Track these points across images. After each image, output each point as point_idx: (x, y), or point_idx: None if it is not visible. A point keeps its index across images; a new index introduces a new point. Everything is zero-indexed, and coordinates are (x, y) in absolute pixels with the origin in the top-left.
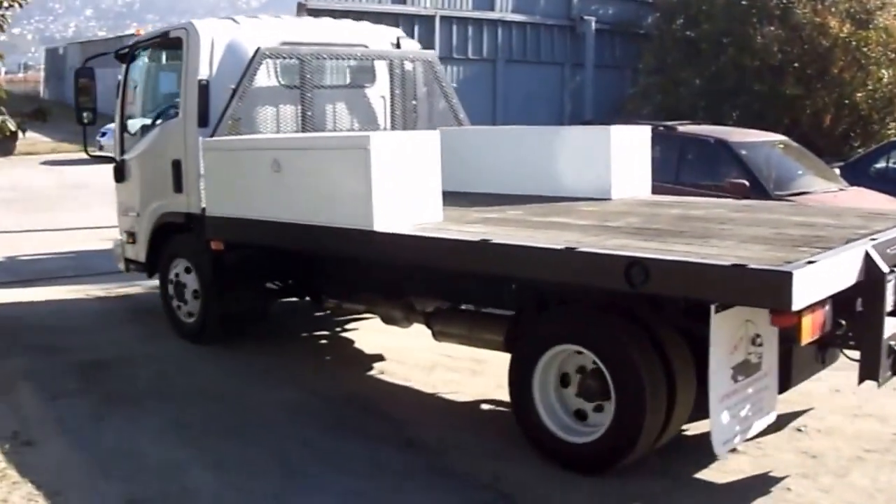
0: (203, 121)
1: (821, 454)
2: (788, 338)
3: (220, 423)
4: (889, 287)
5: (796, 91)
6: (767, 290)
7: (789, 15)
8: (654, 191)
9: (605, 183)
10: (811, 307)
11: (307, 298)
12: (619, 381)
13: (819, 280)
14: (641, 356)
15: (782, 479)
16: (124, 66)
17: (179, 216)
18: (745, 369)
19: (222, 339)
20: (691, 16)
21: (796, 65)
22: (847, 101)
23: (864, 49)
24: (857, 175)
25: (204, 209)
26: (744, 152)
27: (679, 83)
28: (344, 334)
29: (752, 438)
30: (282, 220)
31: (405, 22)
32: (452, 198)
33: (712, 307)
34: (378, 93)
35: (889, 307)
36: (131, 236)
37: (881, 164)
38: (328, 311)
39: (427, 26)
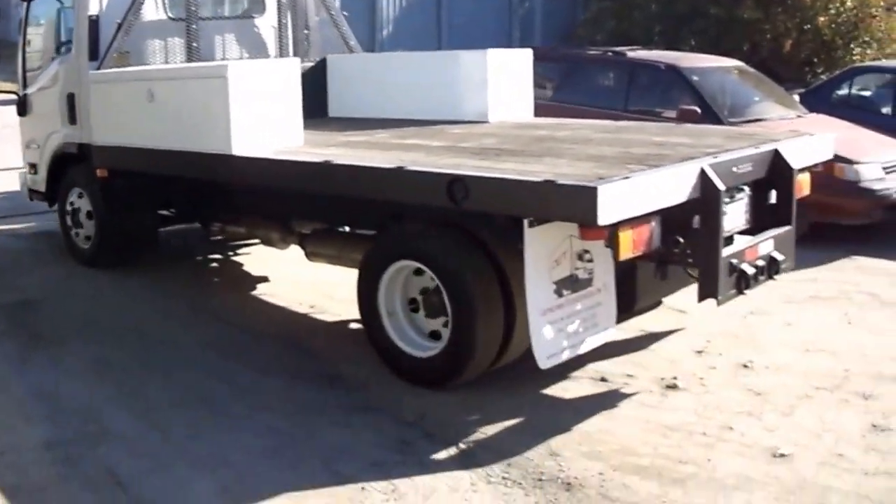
0: (93, 55)
1: (767, 391)
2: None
3: (143, 362)
4: (739, 205)
5: (755, 15)
6: (574, 205)
7: None
8: (604, 118)
9: (483, 106)
10: (631, 223)
11: (196, 224)
12: (451, 294)
13: (636, 196)
14: (472, 270)
15: (725, 417)
16: (26, 3)
17: (74, 146)
18: (571, 284)
19: (116, 264)
20: None
21: None
22: (809, 26)
23: None
24: (819, 102)
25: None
26: (696, 78)
27: (633, 8)
28: (276, 270)
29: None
30: (156, 147)
31: None
32: (336, 123)
33: (525, 222)
34: (268, 23)
35: (739, 225)
36: (33, 167)
37: (843, 91)
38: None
39: None
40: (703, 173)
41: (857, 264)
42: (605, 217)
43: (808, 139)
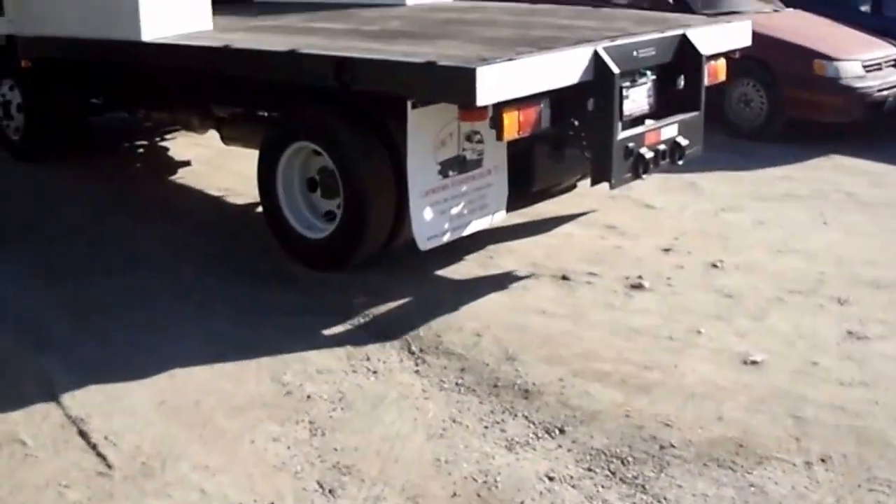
0: None
1: (738, 294)
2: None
3: (84, 263)
4: (642, 90)
5: None
6: (454, 86)
7: None
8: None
9: None
10: (516, 104)
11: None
12: (343, 174)
13: (520, 78)
14: (364, 151)
15: (693, 320)
16: None
17: (2, 38)
18: (458, 165)
19: (47, 156)
20: None
21: None
22: None
23: None
24: None
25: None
26: None
27: None
28: (231, 162)
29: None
30: (72, 35)
31: None
32: (255, 8)
33: (409, 103)
34: None
35: (642, 110)
36: None
37: None
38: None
39: None
40: (596, 56)
41: (834, 163)
42: (483, 98)
43: (722, 26)
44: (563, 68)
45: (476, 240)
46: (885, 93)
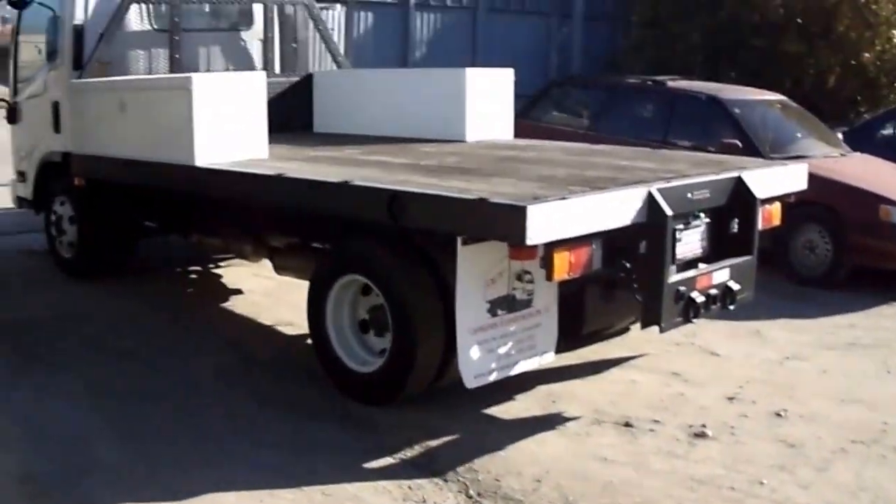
0: (77, 64)
1: (801, 443)
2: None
3: (140, 389)
4: (695, 232)
5: (798, 49)
6: (504, 224)
7: None
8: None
9: (460, 125)
10: (567, 245)
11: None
12: (392, 308)
13: (571, 218)
14: (414, 285)
15: (755, 470)
16: (17, 10)
17: (58, 155)
18: (507, 304)
19: (97, 273)
20: None
21: (799, 20)
22: (853, 63)
23: (874, 6)
24: (863, 141)
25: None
26: (737, 111)
27: (675, 37)
28: (288, 293)
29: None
30: (126, 157)
31: None
32: (315, 138)
33: (459, 239)
34: (256, 36)
35: (695, 252)
36: (22, 175)
37: (888, 130)
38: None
39: None
40: (650, 197)
41: None
42: (534, 237)
43: (778, 168)
44: (616, 209)
45: (537, 381)
46: None
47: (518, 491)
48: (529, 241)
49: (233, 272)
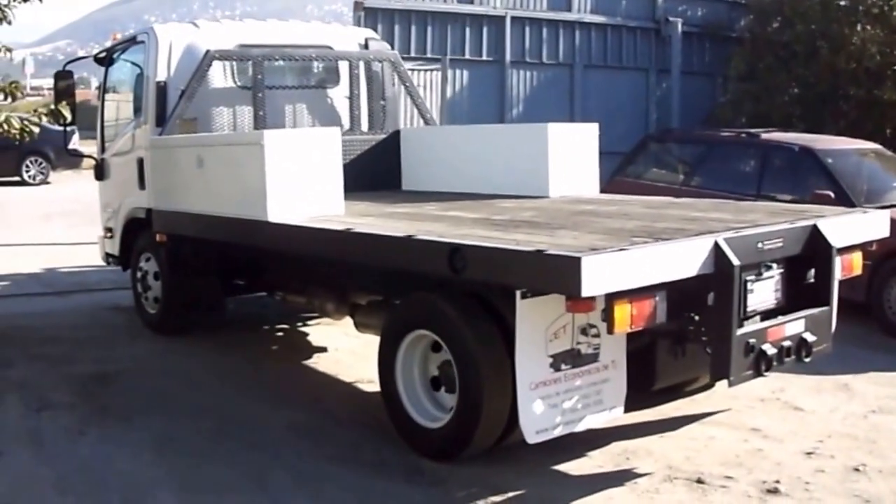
0: (160, 121)
1: (877, 499)
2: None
3: (207, 443)
4: (768, 283)
5: (895, 96)
6: (560, 275)
7: (889, 14)
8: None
9: (543, 180)
10: (629, 296)
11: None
12: (458, 361)
13: (632, 269)
14: (480, 339)
15: None
16: (104, 69)
17: (142, 211)
18: (571, 359)
19: (182, 330)
20: (786, 17)
21: None
22: None
23: None
24: None
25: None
26: (830, 161)
27: (773, 90)
28: (373, 351)
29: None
30: (203, 212)
31: (473, 23)
32: (400, 195)
33: (518, 293)
34: (342, 93)
35: (768, 303)
36: (109, 231)
37: None
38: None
39: (497, 27)
40: (716, 247)
41: None
42: (590, 289)
43: (856, 216)
44: (680, 260)
45: (613, 437)
46: None
47: None
48: (585, 293)
49: (320, 330)
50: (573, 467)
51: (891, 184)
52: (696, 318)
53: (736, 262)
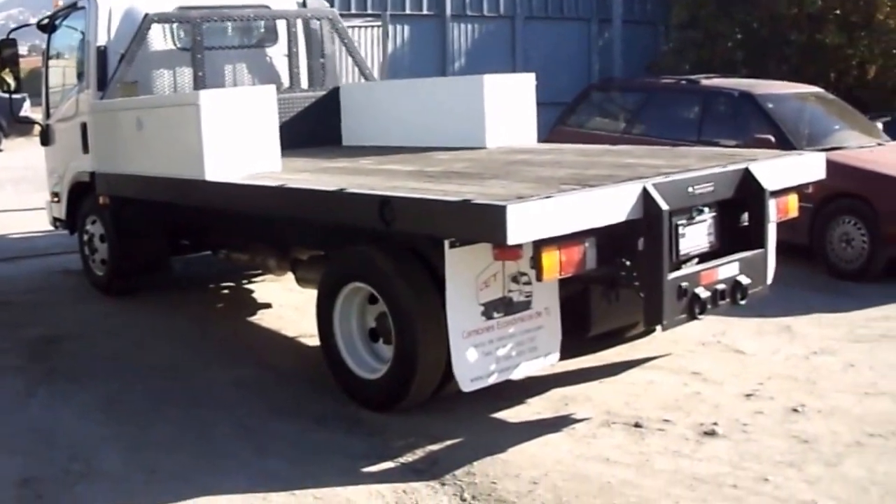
0: (101, 85)
1: (815, 439)
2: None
3: (153, 402)
4: (701, 227)
5: (837, 40)
6: (486, 224)
7: None
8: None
9: (480, 131)
10: (557, 243)
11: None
12: (393, 314)
13: (558, 216)
14: (413, 290)
15: (762, 467)
16: (47, 34)
17: (87, 175)
18: (503, 307)
19: (129, 290)
20: None
21: (837, 12)
22: (895, 52)
23: None
24: None
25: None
26: (770, 105)
27: (716, 37)
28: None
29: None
30: (143, 173)
31: None
32: (339, 151)
33: (446, 242)
34: (281, 52)
35: (701, 247)
36: (56, 196)
37: None
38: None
39: None
40: (645, 193)
41: None
42: (516, 236)
43: (790, 159)
44: (608, 206)
45: (553, 384)
46: None
47: (513, 493)
48: (511, 241)
49: (265, 287)
50: (511, 414)
51: (833, 127)
52: (628, 263)
53: (664, 206)
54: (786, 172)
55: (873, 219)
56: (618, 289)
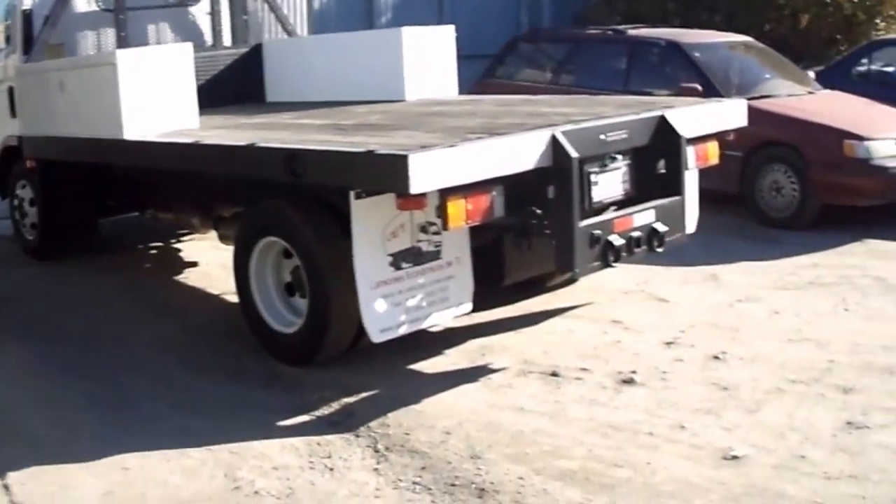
0: (27, 49)
1: (734, 386)
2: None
3: (77, 363)
4: (615, 174)
5: None
6: (389, 174)
7: None
8: None
9: (399, 84)
10: (463, 192)
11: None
12: (306, 267)
13: (463, 164)
14: (324, 243)
15: (679, 415)
16: None
17: (15, 139)
18: (412, 257)
19: (60, 253)
20: None
21: None
22: (829, 1)
23: None
24: (837, 78)
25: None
26: (697, 54)
27: None
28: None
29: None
30: (66, 135)
31: None
32: (260, 107)
33: (351, 194)
34: (204, 10)
35: (615, 195)
36: None
37: (863, 67)
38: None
39: None
40: (554, 140)
41: (868, 248)
42: (418, 185)
43: (708, 106)
44: (515, 154)
45: (471, 335)
46: None
47: (426, 443)
48: (413, 190)
49: (193, 246)
50: (428, 366)
51: (761, 75)
52: (539, 211)
53: (574, 154)
54: (704, 120)
55: (803, 167)
56: (530, 237)
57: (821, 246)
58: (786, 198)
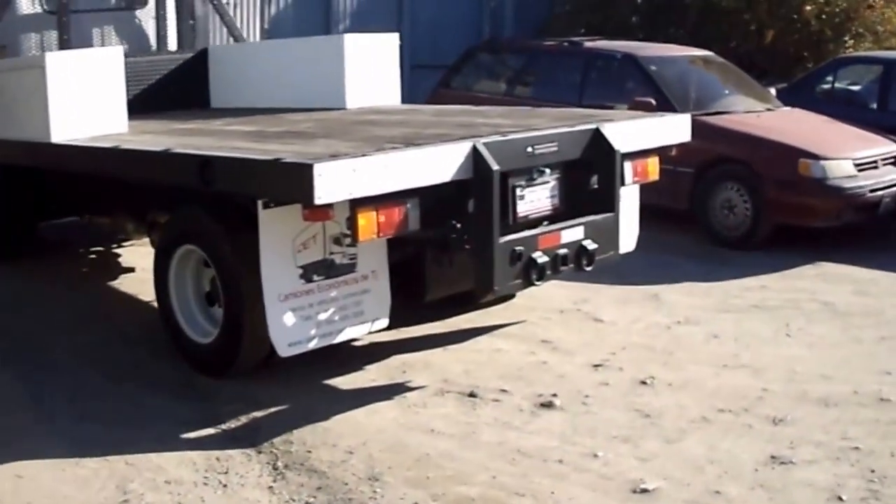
0: None
1: (658, 413)
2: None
3: None
4: (542, 189)
5: (734, 4)
6: (294, 184)
7: None
8: None
9: (340, 92)
10: (375, 203)
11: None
12: (220, 277)
13: (375, 175)
14: (236, 253)
15: (594, 442)
16: None
17: None
18: (324, 269)
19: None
20: None
21: None
22: (795, 17)
23: None
24: (801, 96)
25: None
26: (653, 68)
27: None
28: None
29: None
30: (1, 137)
31: None
32: (201, 114)
33: (259, 203)
34: (150, 14)
35: (541, 210)
36: None
37: (827, 84)
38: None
39: None
40: (475, 152)
41: (820, 271)
42: (324, 196)
43: (647, 120)
44: (433, 165)
45: (394, 351)
46: (879, 193)
47: (326, 462)
48: (318, 201)
49: (132, 252)
50: (345, 381)
51: (721, 91)
52: (459, 226)
53: (495, 166)
54: (643, 134)
55: (756, 185)
56: (451, 252)
57: (771, 268)
58: (738, 217)
